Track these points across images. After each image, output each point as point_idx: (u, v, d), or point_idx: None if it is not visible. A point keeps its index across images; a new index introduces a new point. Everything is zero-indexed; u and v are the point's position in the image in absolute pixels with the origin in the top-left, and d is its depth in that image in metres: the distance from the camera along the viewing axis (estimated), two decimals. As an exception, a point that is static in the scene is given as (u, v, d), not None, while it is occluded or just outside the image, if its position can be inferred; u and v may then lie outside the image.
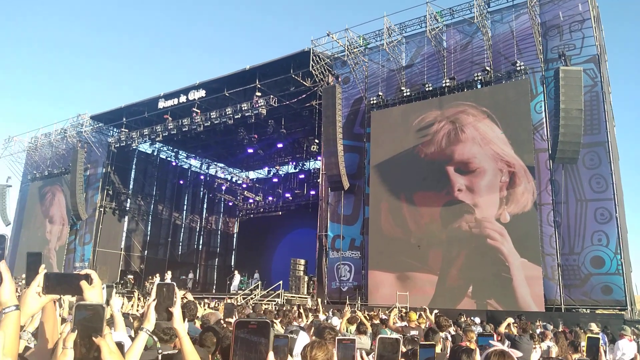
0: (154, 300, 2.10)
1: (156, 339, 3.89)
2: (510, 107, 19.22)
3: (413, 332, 8.05)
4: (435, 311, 12.15)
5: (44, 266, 1.91)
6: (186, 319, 5.01)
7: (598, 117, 17.86)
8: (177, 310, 2.11)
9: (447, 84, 20.78)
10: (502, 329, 8.55)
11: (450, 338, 7.19)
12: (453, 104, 20.45)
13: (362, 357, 2.10)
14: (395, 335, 2.12)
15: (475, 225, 18.74)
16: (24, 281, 2.07)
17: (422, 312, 11.46)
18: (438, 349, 5.31)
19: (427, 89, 21.26)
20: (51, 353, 1.93)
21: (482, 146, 19.40)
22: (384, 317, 11.28)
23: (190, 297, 7.16)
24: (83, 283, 1.78)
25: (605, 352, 9.71)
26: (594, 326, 11.43)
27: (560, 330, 11.35)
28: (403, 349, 3.32)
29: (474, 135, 19.64)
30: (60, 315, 2.62)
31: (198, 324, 5.68)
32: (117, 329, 3.54)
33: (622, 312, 16.16)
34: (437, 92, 21.13)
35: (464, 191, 19.38)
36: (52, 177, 33.87)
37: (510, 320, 9.19)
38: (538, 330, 10.34)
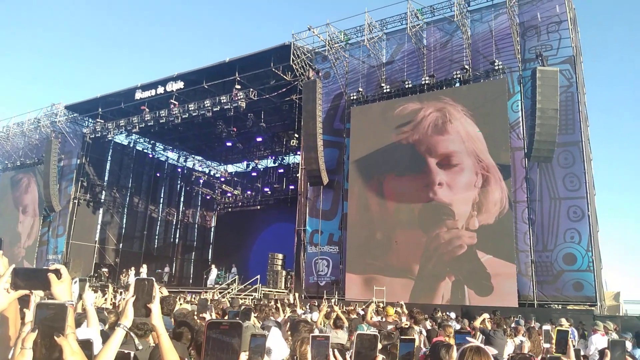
0: (132, 296, 2.07)
1: (133, 334, 3.81)
2: (488, 106, 19.46)
3: (390, 327, 8.11)
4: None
5: (2, 252, 1.86)
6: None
7: (573, 117, 18.24)
8: (155, 307, 2.08)
9: (427, 82, 20.93)
10: (477, 324, 8.66)
11: (425, 333, 7.26)
12: (433, 100, 20.60)
13: (335, 356, 2.08)
14: (373, 331, 2.10)
15: (453, 229, 18.90)
16: None
17: (399, 308, 11.58)
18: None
19: (406, 86, 21.37)
20: (12, 346, 1.88)
21: (465, 142, 19.54)
22: (361, 312, 11.34)
23: (165, 291, 7.07)
24: (51, 277, 1.73)
25: (573, 346, 9.96)
26: (564, 321, 11.70)
27: (532, 325, 11.59)
28: (379, 345, 3.32)
29: (459, 129, 19.74)
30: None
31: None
32: (89, 324, 3.46)
33: (592, 308, 16.58)
34: (416, 89, 21.26)
35: (444, 186, 19.51)
36: (24, 168, 33.05)
37: (485, 315, 9.32)
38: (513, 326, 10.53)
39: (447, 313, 13.92)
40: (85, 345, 1.79)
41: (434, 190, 19.64)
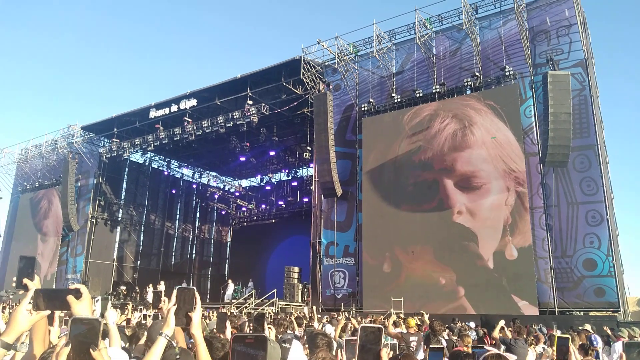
0: (174, 304, 2.10)
1: (174, 342, 3.84)
2: (500, 113, 19.34)
3: (412, 338, 8.03)
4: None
5: (39, 278, 1.91)
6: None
7: (587, 121, 18.06)
8: (196, 315, 2.11)
9: (437, 90, 20.92)
10: (496, 333, 8.56)
11: (445, 343, 7.19)
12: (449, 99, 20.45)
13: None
14: (377, 325, 2.09)
15: (475, 254, 18.44)
16: (14, 284, 2.08)
17: (420, 317, 11.46)
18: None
19: (417, 95, 21.39)
20: None
21: (490, 153, 18.81)
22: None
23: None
24: (70, 298, 1.77)
25: (598, 354, 9.75)
26: (588, 327, 11.46)
27: (554, 333, 11.39)
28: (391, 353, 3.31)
29: (484, 138, 19.00)
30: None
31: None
32: (112, 343, 3.50)
33: (615, 314, 16.25)
34: (427, 98, 21.26)
35: (464, 214, 18.76)
36: (43, 189, 33.58)
37: (502, 322, 9.21)
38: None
39: (467, 323, 13.76)
40: None
41: (452, 219, 18.90)
